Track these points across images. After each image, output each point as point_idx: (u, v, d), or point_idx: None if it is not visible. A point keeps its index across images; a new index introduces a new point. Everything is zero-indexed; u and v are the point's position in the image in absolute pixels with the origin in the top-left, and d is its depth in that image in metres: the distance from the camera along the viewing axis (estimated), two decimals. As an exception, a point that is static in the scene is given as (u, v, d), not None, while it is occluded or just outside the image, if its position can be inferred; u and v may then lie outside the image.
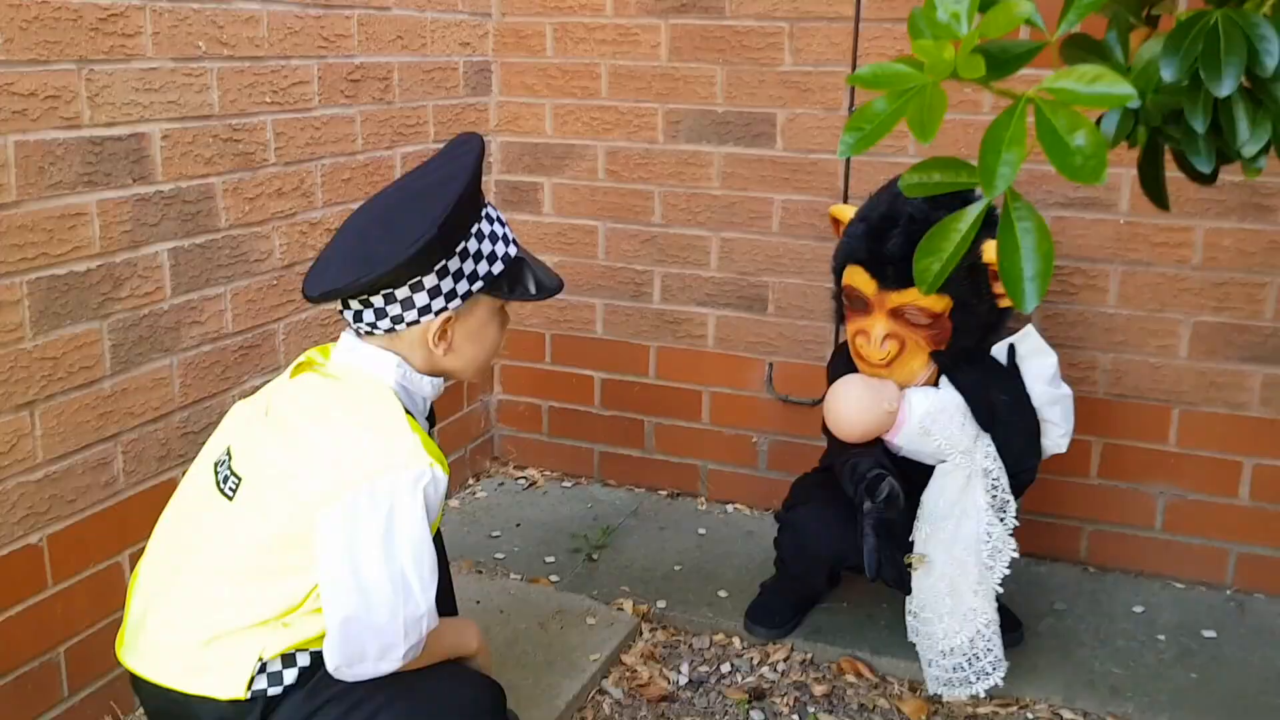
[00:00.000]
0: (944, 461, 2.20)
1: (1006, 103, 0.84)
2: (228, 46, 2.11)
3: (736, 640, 2.49)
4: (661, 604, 2.60)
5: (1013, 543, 2.19)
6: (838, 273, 2.33)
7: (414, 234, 1.50)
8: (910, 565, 2.22)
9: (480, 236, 1.60)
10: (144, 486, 2.08)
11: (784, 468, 2.98)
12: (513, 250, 1.66)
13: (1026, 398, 2.20)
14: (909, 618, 2.24)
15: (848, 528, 2.21)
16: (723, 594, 2.65)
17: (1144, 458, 2.75)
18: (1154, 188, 1.04)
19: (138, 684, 1.57)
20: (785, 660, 2.42)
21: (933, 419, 2.19)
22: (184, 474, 2.11)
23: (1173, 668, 2.37)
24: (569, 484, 3.32)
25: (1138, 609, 2.62)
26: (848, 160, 2.82)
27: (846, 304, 2.31)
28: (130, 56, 1.90)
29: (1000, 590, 2.19)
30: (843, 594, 2.63)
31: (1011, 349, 2.21)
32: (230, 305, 2.22)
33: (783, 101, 2.87)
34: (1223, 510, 2.71)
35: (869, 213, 2.26)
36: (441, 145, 2.92)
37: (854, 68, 2.77)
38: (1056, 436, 2.26)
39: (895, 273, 2.17)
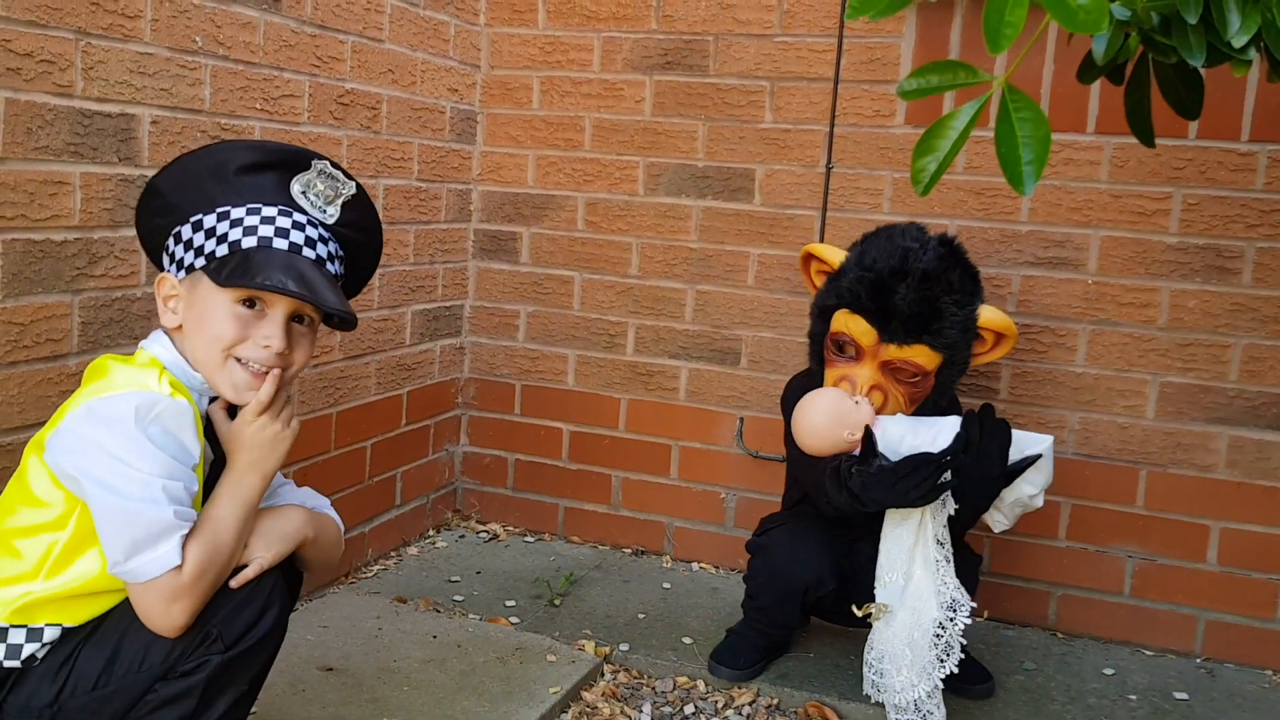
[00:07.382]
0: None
1: None
2: (224, 46, 2.14)
3: (701, 684, 2.41)
4: (624, 647, 2.52)
5: (967, 596, 2.16)
6: (827, 312, 2.29)
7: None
8: (869, 615, 2.18)
9: (225, 218, 1.48)
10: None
11: (751, 525, 2.93)
12: (252, 242, 1.47)
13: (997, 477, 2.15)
14: (866, 669, 2.19)
15: (822, 550, 2.16)
16: (687, 640, 2.58)
17: (1112, 520, 2.74)
18: (1140, 119, 1.07)
19: None
20: (751, 704, 2.34)
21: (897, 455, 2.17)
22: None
23: (1145, 724, 2.32)
24: (531, 539, 3.25)
25: (1108, 671, 2.57)
26: (823, 215, 2.88)
27: (832, 348, 2.28)
28: (128, 37, 1.91)
29: (964, 641, 2.15)
30: (810, 644, 2.57)
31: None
32: (203, 305, 2.18)
33: (762, 158, 2.94)
34: (1191, 575, 2.70)
35: (874, 263, 2.20)
36: (424, 185, 2.97)
37: (832, 127, 2.86)
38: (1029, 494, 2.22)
39: (902, 328, 2.16)
